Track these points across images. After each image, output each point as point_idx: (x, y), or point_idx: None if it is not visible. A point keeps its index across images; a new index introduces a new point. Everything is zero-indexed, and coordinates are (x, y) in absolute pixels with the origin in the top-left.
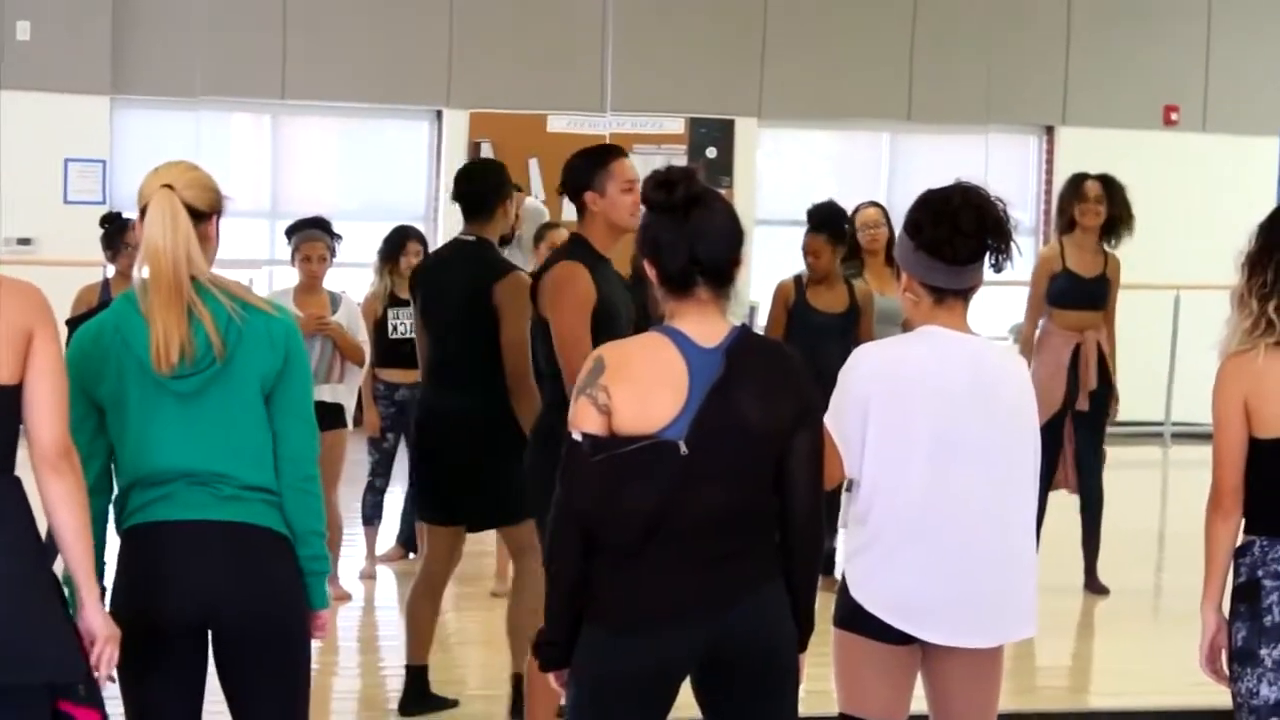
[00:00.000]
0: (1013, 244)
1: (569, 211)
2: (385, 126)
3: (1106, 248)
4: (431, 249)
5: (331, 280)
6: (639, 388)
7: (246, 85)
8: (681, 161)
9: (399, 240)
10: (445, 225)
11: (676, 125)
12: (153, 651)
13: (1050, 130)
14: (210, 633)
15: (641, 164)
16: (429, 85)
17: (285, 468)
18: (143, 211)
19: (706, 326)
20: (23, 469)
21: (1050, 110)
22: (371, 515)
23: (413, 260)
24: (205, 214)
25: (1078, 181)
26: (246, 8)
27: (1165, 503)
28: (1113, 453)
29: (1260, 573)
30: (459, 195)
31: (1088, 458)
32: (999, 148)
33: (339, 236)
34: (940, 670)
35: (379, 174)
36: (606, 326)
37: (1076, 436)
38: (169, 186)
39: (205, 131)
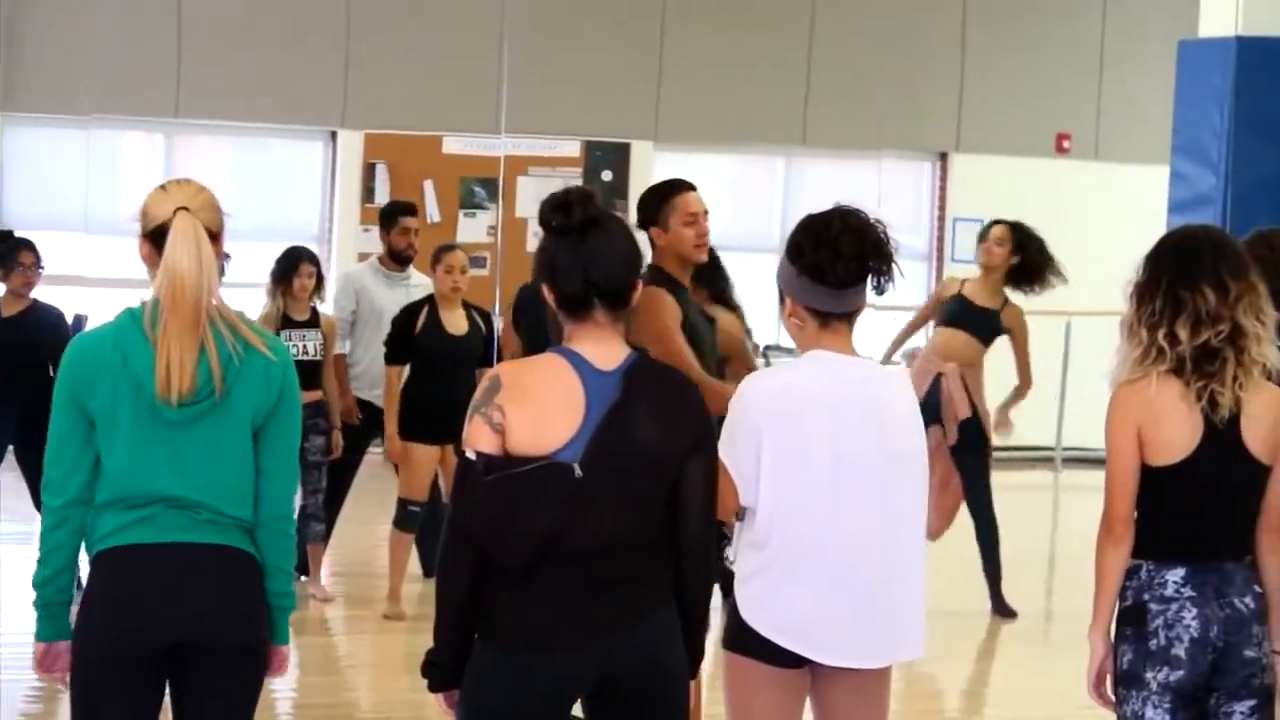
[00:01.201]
0: (894, 266)
1: (465, 232)
2: (280, 146)
3: (1008, 291)
4: (327, 269)
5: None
6: (535, 408)
7: (139, 104)
8: (577, 183)
9: (291, 262)
10: (340, 246)
11: (572, 148)
12: (119, 676)
13: (944, 157)
14: (178, 654)
15: (537, 187)
16: (324, 105)
17: (264, 505)
18: (156, 233)
19: (604, 350)
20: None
21: (944, 137)
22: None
23: (306, 282)
24: (216, 236)
25: (988, 224)
26: (140, 25)
27: (1056, 527)
28: (1004, 477)
29: (1147, 596)
30: None
31: (975, 486)
32: (893, 173)
33: (228, 256)
34: (829, 692)
35: (273, 194)
36: (692, 350)
37: (961, 467)
38: (185, 209)
39: (97, 150)
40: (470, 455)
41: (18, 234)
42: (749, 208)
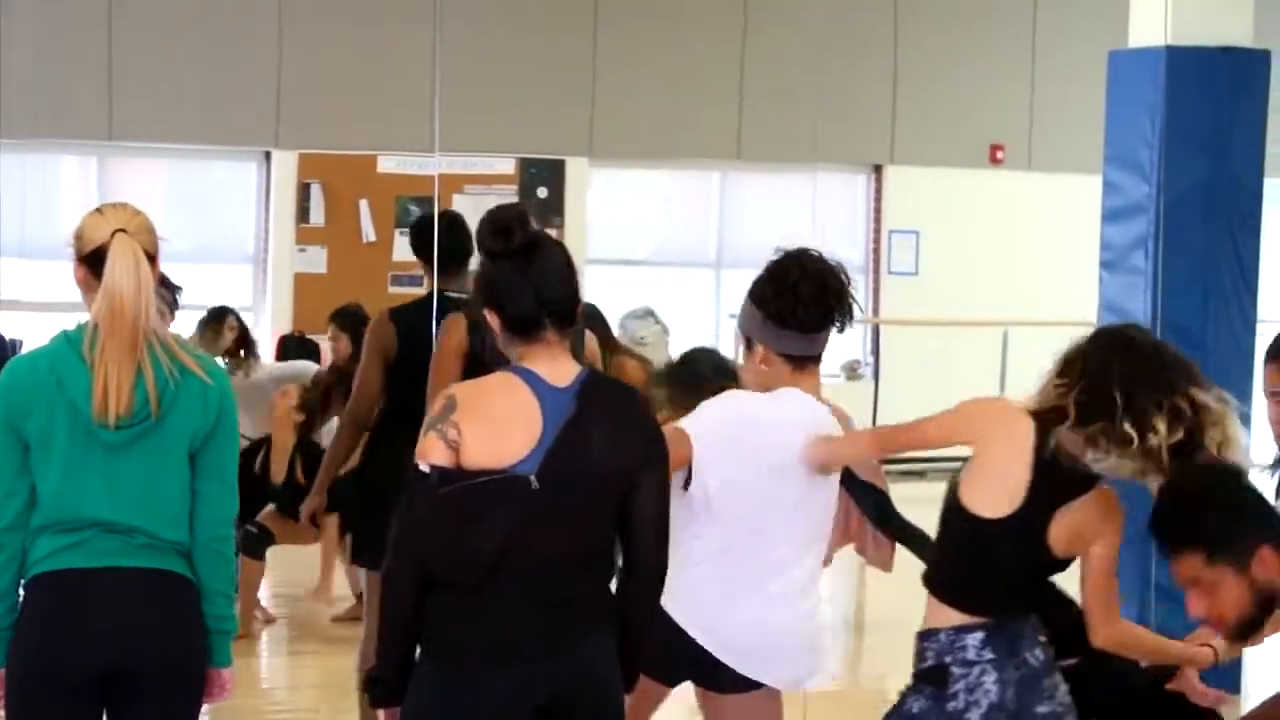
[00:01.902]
0: (854, 306)
1: (401, 250)
2: (214, 167)
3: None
4: (262, 290)
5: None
6: (491, 424)
7: (71, 126)
8: (513, 200)
9: (216, 316)
10: (275, 267)
11: (507, 166)
12: (53, 702)
13: (878, 169)
14: (114, 678)
15: (472, 205)
16: (257, 126)
17: (201, 527)
18: (93, 256)
19: (557, 367)
20: None
21: (878, 149)
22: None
23: (228, 336)
24: (153, 258)
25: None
26: (71, 48)
27: None
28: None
29: (949, 659)
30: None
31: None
32: (827, 186)
33: (178, 288)
34: (723, 710)
35: (209, 216)
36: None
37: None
38: (123, 231)
39: (31, 173)
40: (424, 468)
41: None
42: (685, 223)
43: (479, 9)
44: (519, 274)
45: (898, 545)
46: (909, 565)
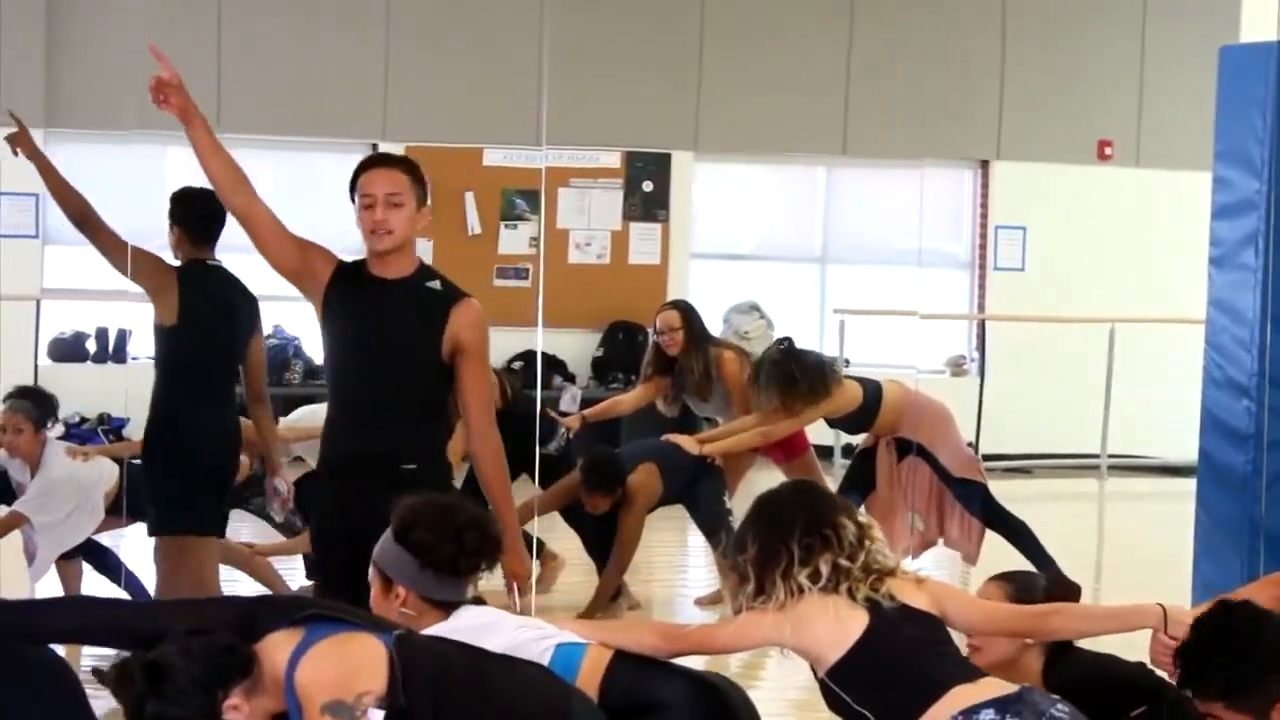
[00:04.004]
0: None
1: (507, 244)
2: (321, 160)
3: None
4: None
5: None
6: (355, 652)
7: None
8: (618, 195)
9: None
10: None
11: (613, 159)
12: None
13: (985, 164)
14: None
15: (578, 198)
16: (365, 118)
17: None
18: None
19: None
20: None
21: (984, 145)
22: None
23: None
24: None
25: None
26: (180, 40)
27: (1102, 535)
28: (1051, 485)
29: None
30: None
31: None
32: (934, 182)
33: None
34: None
35: (315, 208)
36: None
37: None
38: None
39: (140, 165)
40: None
41: (59, 250)
42: (790, 217)
43: (586, 4)
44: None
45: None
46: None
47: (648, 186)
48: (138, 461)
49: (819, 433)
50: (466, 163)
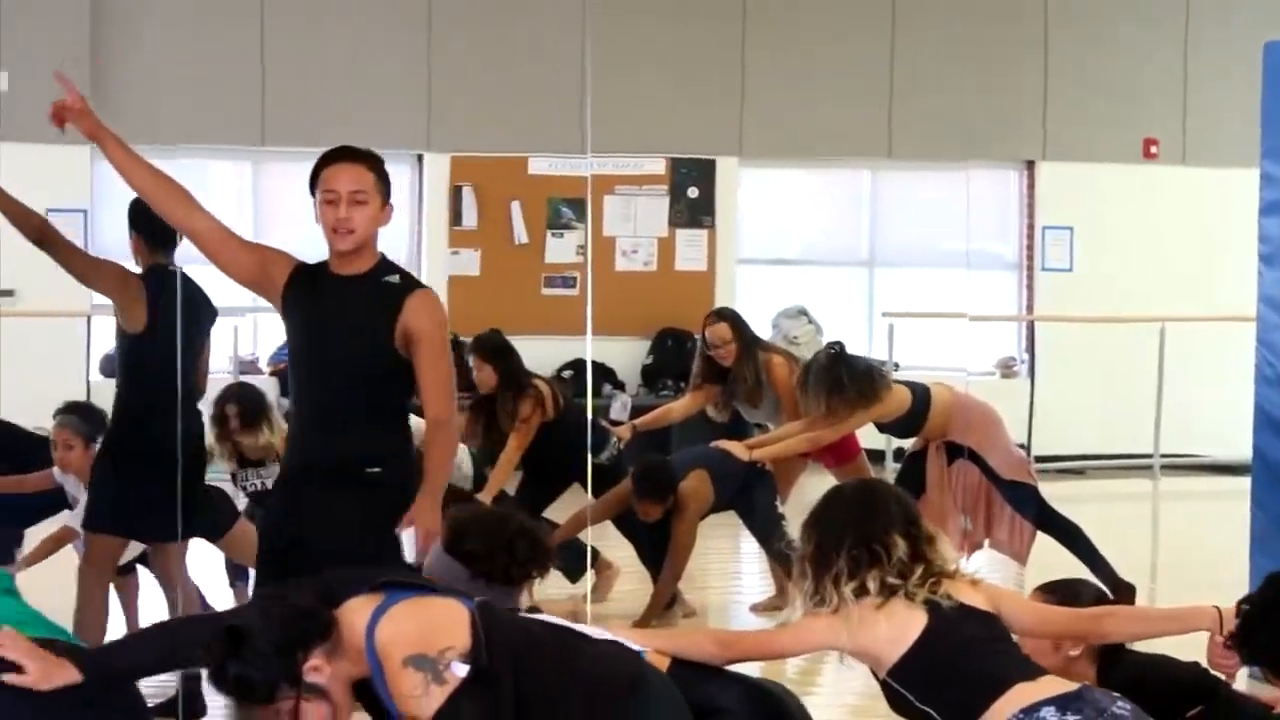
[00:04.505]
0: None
1: (554, 252)
2: None
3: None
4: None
5: None
6: (438, 611)
7: (225, 133)
8: (663, 202)
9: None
10: (429, 270)
11: (658, 166)
12: None
13: (1031, 165)
14: None
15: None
16: (409, 129)
17: None
18: None
19: None
20: None
21: (1030, 145)
22: None
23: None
24: None
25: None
26: (224, 57)
27: (1157, 534)
28: (1104, 485)
29: None
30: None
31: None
32: (979, 183)
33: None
34: None
35: None
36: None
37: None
38: None
39: (184, 179)
40: (462, 674)
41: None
42: (836, 221)
43: (628, 11)
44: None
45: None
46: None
47: (693, 193)
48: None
49: (870, 437)
50: (512, 172)
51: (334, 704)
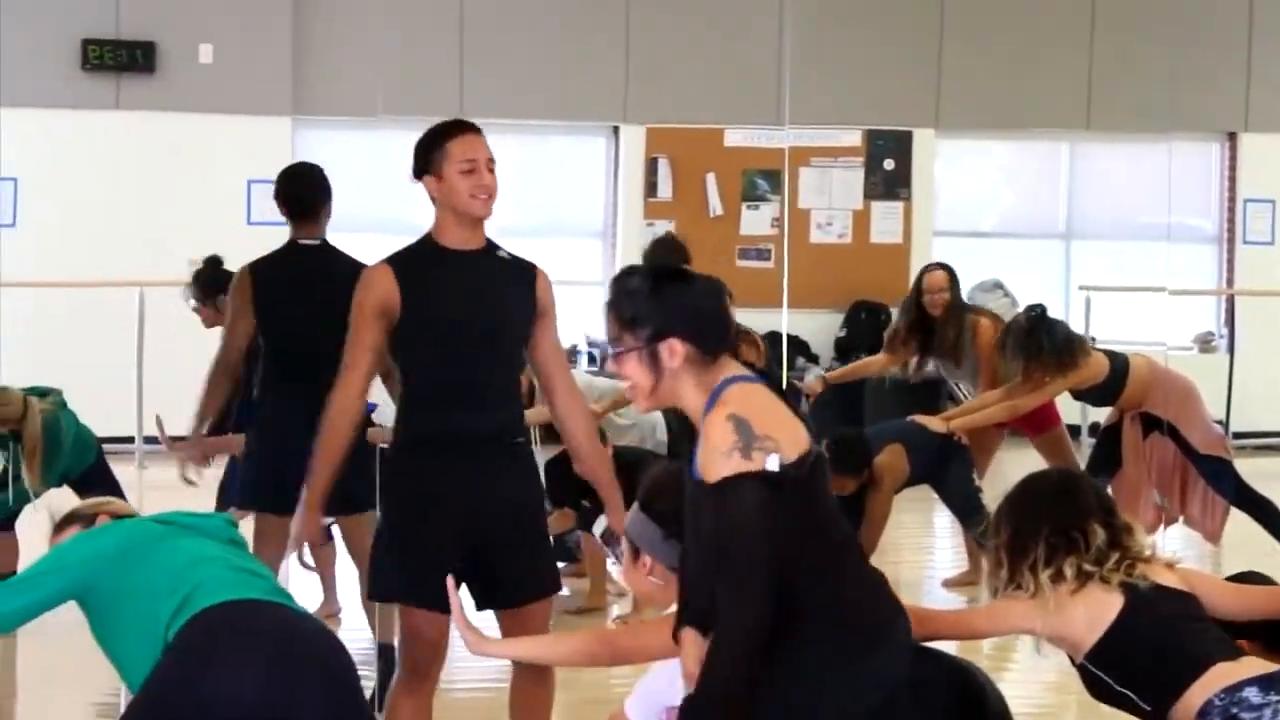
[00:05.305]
0: None
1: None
2: (563, 143)
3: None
4: (611, 265)
5: None
6: (784, 424)
7: (424, 104)
8: (859, 174)
9: None
10: (624, 241)
11: (853, 138)
12: None
13: (1233, 136)
14: None
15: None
16: (606, 101)
17: None
18: None
19: (739, 366)
20: None
21: (1232, 116)
22: None
23: None
24: None
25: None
26: (423, 27)
27: None
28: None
29: (1235, 710)
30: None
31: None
32: (1179, 155)
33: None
34: None
35: (557, 191)
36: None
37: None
38: None
39: (385, 150)
40: (770, 467)
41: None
42: (1033, 194)
43: None
44: (718, 294)
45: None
46: None
47: (889, 164)
48: None
49: (1067, 411)
50: (708, 144)
51: (655, 387)
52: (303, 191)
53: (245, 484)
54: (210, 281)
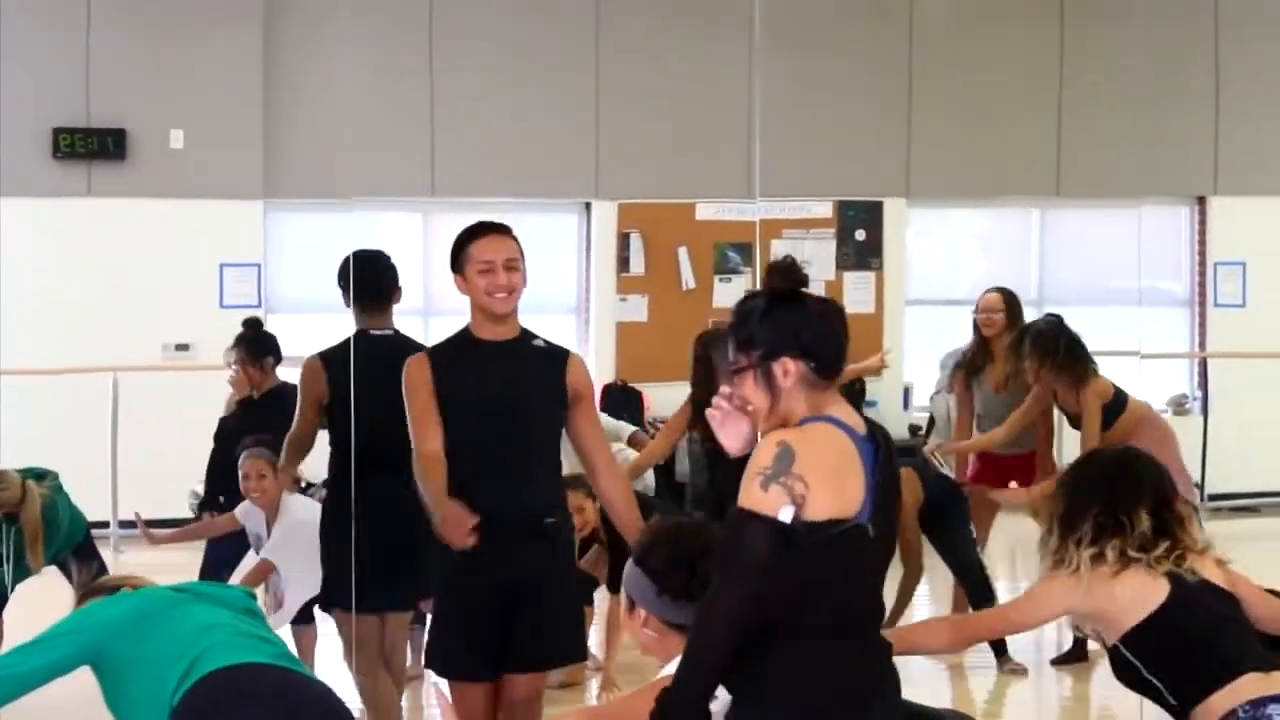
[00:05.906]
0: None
1: (721, 297)
2: (535, 220)
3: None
4: (585, 341)
5: None
6: (831, 473)
7: (396, 185)
8: (831, 245)
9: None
10: (596, 317)
11: (825, 209)
12: None
13: (1202, 200)
14: None
15: (791, 249)
16: (577, 178)
17: None
18: None
19: (849, 412)
20: None
21: (1201, 181)
22: None
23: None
24: None
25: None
26: (393, 109)
27: None
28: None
29: None
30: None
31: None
32: (1149, 220)
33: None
34: None
35: (530, 268)
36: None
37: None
38: None
39: (357, 232)
40: (781, 518)
41: (281, 319)
42: (1004, 260)
43: (791, 60)
44: (830, 318)
45: None
46: None
47: (860, 235)
48: None
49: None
50: (679, 218)
51: (772, 407)
52: (375, 278)
53: (324, 583)
54: (255, 342)
